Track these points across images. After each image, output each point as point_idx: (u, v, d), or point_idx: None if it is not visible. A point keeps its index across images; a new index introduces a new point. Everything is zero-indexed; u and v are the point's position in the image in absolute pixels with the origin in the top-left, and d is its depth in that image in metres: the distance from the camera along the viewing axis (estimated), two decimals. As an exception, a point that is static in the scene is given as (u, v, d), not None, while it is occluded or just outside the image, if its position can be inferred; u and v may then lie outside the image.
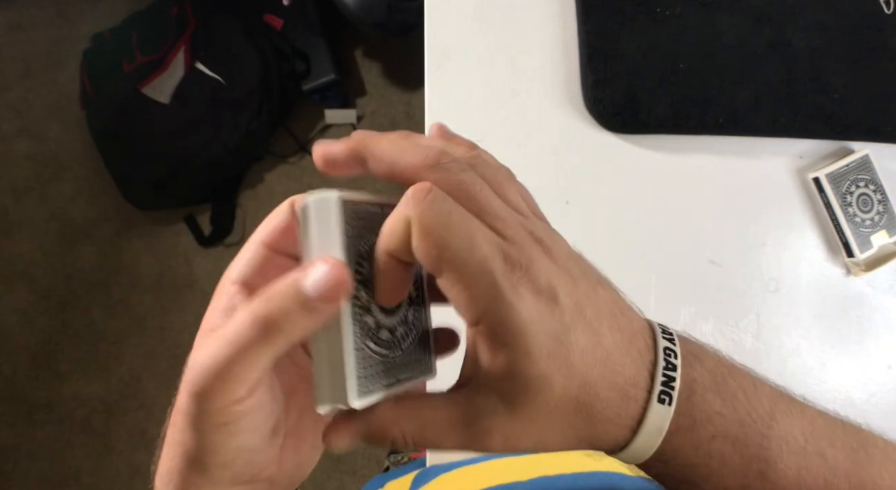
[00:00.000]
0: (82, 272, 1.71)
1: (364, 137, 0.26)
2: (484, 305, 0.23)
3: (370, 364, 0.26)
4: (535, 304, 0.23)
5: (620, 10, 0.70)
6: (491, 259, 0.23)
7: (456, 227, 0.23)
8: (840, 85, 0.71)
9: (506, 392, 0.24)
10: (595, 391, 0.24)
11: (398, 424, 0.25)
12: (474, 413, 0.24)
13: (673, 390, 0.25)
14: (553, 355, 0.23)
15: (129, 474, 1.64)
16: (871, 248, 0.70)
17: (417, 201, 0.23)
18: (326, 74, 1.62)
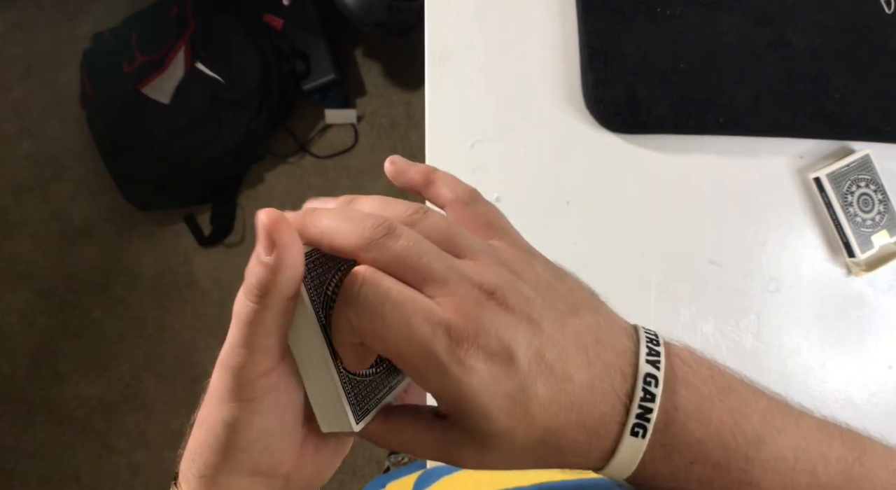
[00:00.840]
0: (82, 272, 1.71)
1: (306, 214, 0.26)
2: (434, 385, 0.24)
3: (361, 387, 0.27)
4: (487, 371, 0.23)
5: (621, 9, 0.70)
6: (432, 341, 0.23)
7: (391, 318, 0.23)
8: (840, 85, 0.71)
9: (473, 437, 0.25)
10: (561, 434, 0.25)
11: (385, 438, 0.28)
12: (449, 444, 0.26)
13: (648, 422, 0.24)
14: (511, 412, 0.24)
15: (129, 474, 1.64)
16: (871, 247, 0.70)
17: (350, 300, 0.24)
18: (326, 74, 1.62)
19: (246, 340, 0.25)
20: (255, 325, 0.25)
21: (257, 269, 0.24)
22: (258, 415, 0.26)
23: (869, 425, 0.30)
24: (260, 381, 0.26)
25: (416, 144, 1.73)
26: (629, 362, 0.26)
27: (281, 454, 0.28)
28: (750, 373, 0.28)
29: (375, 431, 0.28)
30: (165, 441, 1.65)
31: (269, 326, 0.25)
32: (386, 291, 0.24)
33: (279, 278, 0.24)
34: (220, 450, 0.27)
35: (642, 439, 0.24)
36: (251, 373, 0.26)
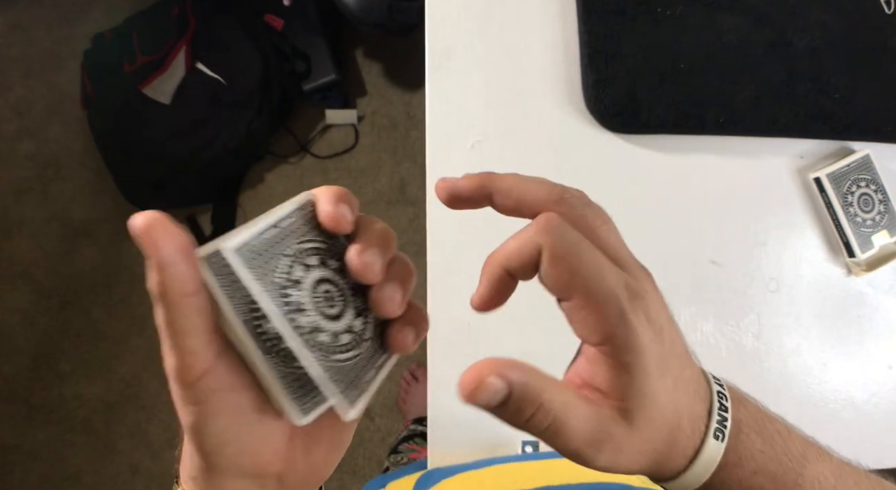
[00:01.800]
0: (83, 272, 1.71)
1: (489, 174, 0.28)
2: (611, 328, 0.25)
3: (344, 373, 0.27)
4: (649, 329, 0.26)
5: (621, 10, 0.70)
6: (617, 287, 0.25)
7: (586, 255, 0.25)
8: (841, 85, 0.71)
9: (626, 405, 0.26)
10: (680, 419, 0.27)
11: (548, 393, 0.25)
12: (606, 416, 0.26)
13: (726, 428, 0.27)
14: (661, 377, 0.26)
15: (130, 474, 1.64)
16: (872, 247, 0.70)
17: (550, 230, 0.25)
18: (327, 74, 1.62)
19: (168, 344, 0.25)
20: (169, 328, 0.25)
21: (149, 274, 0.25)
22: (212, 417, 0.26)
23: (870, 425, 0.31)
24: (201, 383, 0.26)
25: (416, 144, 1.73)
26: (704, 378, 0.29)
27: (262, 454, 0.28)
28: (750, 373, 0.29)
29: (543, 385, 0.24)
30: (166, 441, 1.65)
31: (182, 327, 0.25)
32: (580, 235, 0.26)
33: (165, 276, 0.24)
34: (198, 454, 0.27)
35: (721, 443, 0.27)
36: (187, 376, 0.25)
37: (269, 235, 0.27)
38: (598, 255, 0.26)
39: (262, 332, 0.26)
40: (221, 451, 0.27)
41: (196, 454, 0.27)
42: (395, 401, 1.63)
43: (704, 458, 0.27)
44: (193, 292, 0.25)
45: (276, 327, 0.25)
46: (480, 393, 0.24)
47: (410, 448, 1.05)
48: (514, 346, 0.68)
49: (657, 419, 0.26)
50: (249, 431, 0.27)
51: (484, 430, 0.66)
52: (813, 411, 0.71)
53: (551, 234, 0.25)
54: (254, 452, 0.28)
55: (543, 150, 0.71)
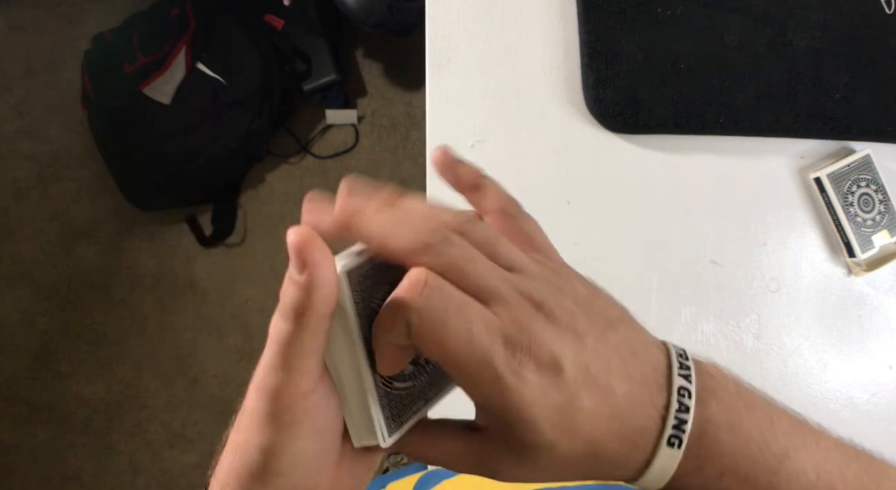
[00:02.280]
0: (83, 272, 1.71)
1: (354, 215, 0.25)
2: (487, 395, 0.24)
3: (395, 402, 0.27)
4: (538, 382, 0.24)
5: (621, 10, 0.70)
6: (490, 350, 0.23)
7: (452, 323, 0.23)
8: (841, 85, 0.71)
9: (514, 449, 0.25)
10: (601, 445, 0.25)
11: (421, 451, 0.28)
12: (486, 457, 0.26)
13: (684, 433, 0.25)
14: (557, 425, 0.24)
15: (131, 474, 1.64)
16: (872, 247, 0.70)
17: (412, 301, 0.23)
18: (327, 75, 1.62)
19: (283, 363, 0.25)
20: (293, 347, 0.24)
21: (290, 290, 0.24)
22: (298, 439, 0.26)
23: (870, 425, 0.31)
24: (299, 404, 0.25)
25: (416, 145, 1.73)
26: (663, 374, 0.26)
27: (319, 476, 0.28)
28: (751, 373, 0.28)
29: (412, 445, 0.28)
30: (166, 441, 1.65)
31: (306, 347, 0.24)
32: (449, 296, 0.23)
33: (314, 297, 0.24)
34: (257, 475, 0.27)
35: (678, 450, 0.25)
36: (290, 396, 0.25)
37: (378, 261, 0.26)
38: (467, 317, 0.23)
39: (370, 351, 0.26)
40: (291, 472, 0.26)
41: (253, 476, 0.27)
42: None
43: (656, 468, 0.25)
44: (331, 314, 0.25)
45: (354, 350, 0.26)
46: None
47: None
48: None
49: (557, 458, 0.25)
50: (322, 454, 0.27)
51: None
52: (813, 411, 0.71)
53: (412, 305, 0.23)
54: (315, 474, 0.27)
55: (544, 151, 0.71)
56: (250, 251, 1.71)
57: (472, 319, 0.23)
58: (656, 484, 0.26)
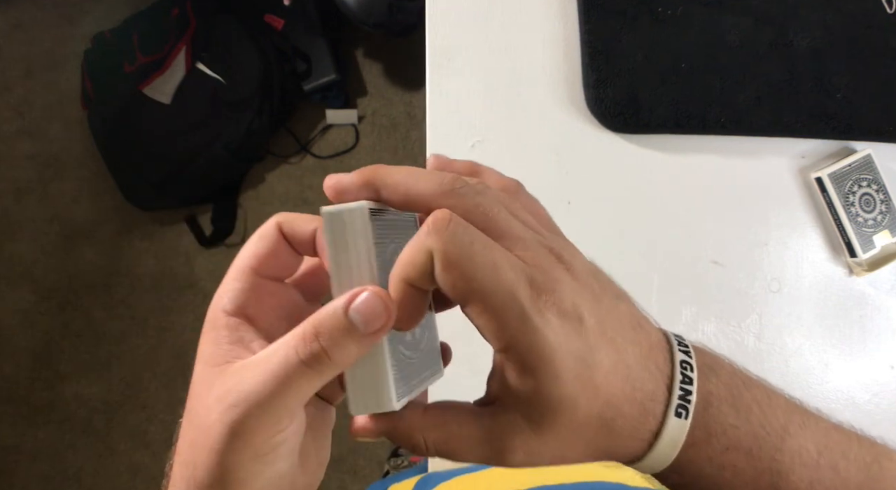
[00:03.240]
0: (83, 273, 1.71)
1: (377, 168, 0.26)
2: (512, 333, 0.23)
3: (403, 367, 0.26)
4: (561, 327, 0.23)
5: (622, 9, 0.70)
6: (517, 286, 0.23)
7: (479, 257, 0.23)
8: (842, 85, 0.71)
9: (532, 412, 0.24)
10: (617, 408, 0.24)
11: (423, 432, 0.26)
12: (499, 431, 0.25)
13: (689, 404, 0.25)
14: (579, 377, 0.24)
15: (131, 474, 1.64)
16: (873, 247, 0.70)
17: (439, 232, 0.23)
18: (327, 74, 1.62)
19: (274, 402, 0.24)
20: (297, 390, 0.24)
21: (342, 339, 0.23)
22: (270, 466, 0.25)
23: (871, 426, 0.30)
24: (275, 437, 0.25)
25: (416, 145, 1.73)
26: (665, 348, 0.26)
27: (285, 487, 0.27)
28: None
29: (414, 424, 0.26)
30: (166, 441, 1.65)
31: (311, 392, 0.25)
32: (474, 231, 0.23)
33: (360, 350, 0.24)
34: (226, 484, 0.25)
35: (685, 420, 0.25)
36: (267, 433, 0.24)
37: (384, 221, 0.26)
38: (493, 253, 0.23)
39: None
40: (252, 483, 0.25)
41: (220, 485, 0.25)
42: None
43: (666, 438, 0.25)
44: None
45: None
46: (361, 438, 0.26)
47: None
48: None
49: (576, 420, 0.24)
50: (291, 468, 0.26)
51: (485, 430, 0.66)
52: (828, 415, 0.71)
53: (440, 237, 0.23)
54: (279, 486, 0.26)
55: (544, 151, 0.70)
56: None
57: (499, 256, 0.23)
58: (666, 458, 0.25)
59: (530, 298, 0.23)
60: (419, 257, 0.23)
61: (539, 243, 0.25)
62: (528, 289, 0.23)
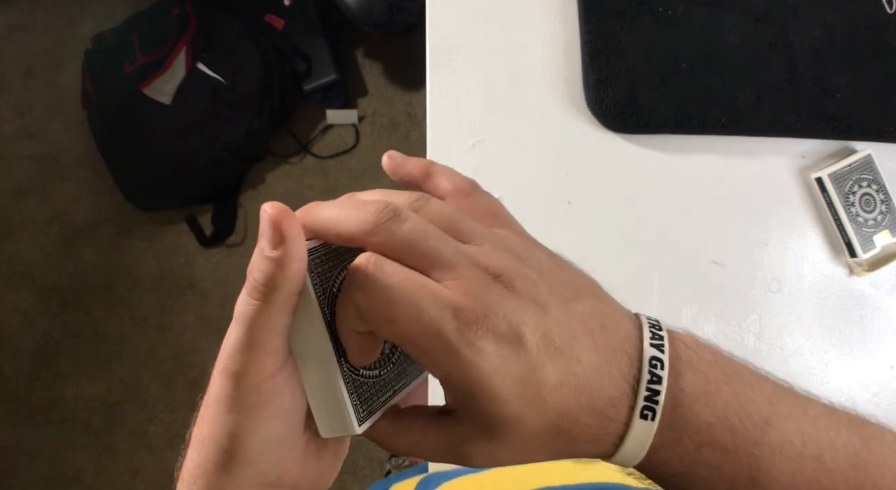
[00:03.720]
0: (83, 273, 1.71)
1: (307, 209, 0.26)
2: (445, 369, 0.24)
3: (364, 389, 0.27)
4: (497, 352, 0.23)
5: (622, 9, 0.70)
6: (441, 324, 0.23)
7: (400, 301, 0.23)
8: (842, 85, 0.71)
9: (484, 427, 0.24)
10: (572, 419, 0.24)
11: (392, 439, 0.27)
12: (458, 441, 0.25)
13: (657, 405, 0.24)
14: (522, 396, 0.23)
15: (131, 474, 1.64)
16: (873, 248, 0.70)
17: (357, 285, 0.24)
18: (327, 75, 1.62)
19: (250, 342, 0.25)
20: (260, 325, 0.24)
21: (262, 265, 0.24)
22: (266, 421, 0.26)
23: None
24: (266, 384, 0.25)
25: (417, 145, 1.73)
26: (634, 346, 0.25)
27: (287, 463, 0.28)
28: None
29: (383, 432, 0.27)
30: (166, 441, 1.65)
31: (274, 324, 0.24)
32: (392, 274, 0.24)
33: (286, 272, 0.24)
34: (225, 465, 0.26)
35: (651, 422, 0.24)
36: (257, 376, 0.25)
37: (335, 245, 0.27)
38: (415, 293, 0.23)
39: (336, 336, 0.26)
40: (259, 459, 0.26)
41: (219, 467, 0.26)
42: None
43: (631, 440, 0.25)
44: (299, 291, 0.25)
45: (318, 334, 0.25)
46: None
47: None
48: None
49: (527, 433, 0.24)
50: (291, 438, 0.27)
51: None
52: (819, 397, 0.71)
53: (357, 290, 0.24)
54: (282, 460, 0.27)
55: (544, 151, 0.70)
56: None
57: (420, 295, 0.23)
58: (634, 458, 0.25)
59: (457, 332, 0.23)
60: (350, 311, 0.25)
61: (473, 264, 0.24)
62: (453, 322, 0.23)
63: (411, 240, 0.24)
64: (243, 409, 0.25)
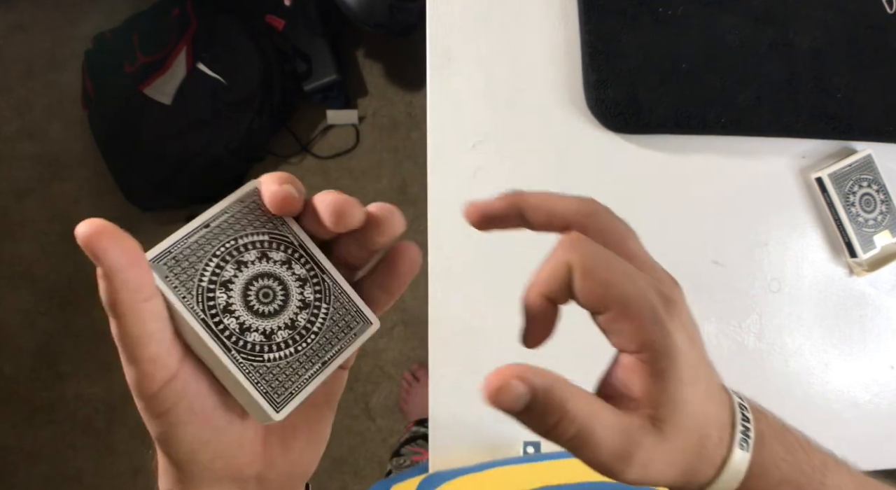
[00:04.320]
0: (84, 273, 1.71)
1: (519, 192, 0.28)
2: (648, 335, 0.25)
3: (275, 373, 0.26)
4: (684, 335, 0.26)
5: (622, 10, 0.70)
6: (651, 293, 0.25)
7: (615, 267, 0.25)
8: (842, 85, 0.71)
9: (657, 412, 0.25)
10: (708, 427, 0.26)
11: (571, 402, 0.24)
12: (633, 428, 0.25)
13: (749, 438, 0.27)
14: (693, 384, 0.25)
15: (131, 474, 1.64)
16: (874, 248, 0.70)
17: (577, 246, 0.25)
18: (328, 75, 1.62)
19: (127, 357, 0.24)
20: (125, 340, 0.24)
21: (100, 284, 0.24)
22: (180, 425, 0.26)
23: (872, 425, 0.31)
24: (164, 391, 0.25)
25: (417, 145, 1.73)
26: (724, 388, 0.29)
27: (237, 456, 0.28)
28: (752, 373, 0.29)
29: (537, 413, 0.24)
30: (167, 441, 1.65)
31: (137, 335, 0.24)
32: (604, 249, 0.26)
33: (116, 284, 0.23)
34: (172, 465, 0.27)
35: (746, 452, 0.26)
36: (150, 386, 0.25)
37: (196, 238, 0.27)
38: (627, 265, 0.26)
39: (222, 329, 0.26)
40: (195, 459, 0.27)
41: (170, 465, 0.27)
42: (396, 401, 1.63)
43: (731, 468, 0.26)
44: (148, 297, 0.24)
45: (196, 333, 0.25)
46: (503, 395, 0.23)
47: (413, 450, 1.05)
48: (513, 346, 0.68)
49: (687, 427, 0.25)
50: (221, 435, 0.27)
51: (485, 430, 0.66)
52: (815, 411, 0.71)
53: (579, 250, 0.25)
54: (229, 456, 0.27)
55: (545, 151, 0.70)
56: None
57: (632, 268, 0.26)
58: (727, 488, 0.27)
59: (662, 305, 0.25)
60: (559, 271, 0.26)
61: (660, 267, 0.28)
62: (659, 297, 0.25)
63: (619, 229, 0.27)
64: (155, 418, 0.26)
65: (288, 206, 0.28)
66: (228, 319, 0.26)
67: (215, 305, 0.26)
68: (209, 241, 0.27)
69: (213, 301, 0.26)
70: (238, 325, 0.26)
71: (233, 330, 0.26)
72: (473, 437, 0.66)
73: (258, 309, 0.27)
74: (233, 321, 0.26)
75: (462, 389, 0.66)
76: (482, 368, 0.28)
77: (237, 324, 0.26)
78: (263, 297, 0.27)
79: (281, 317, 0.27)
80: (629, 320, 0.25)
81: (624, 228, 0.28)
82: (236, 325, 0.26)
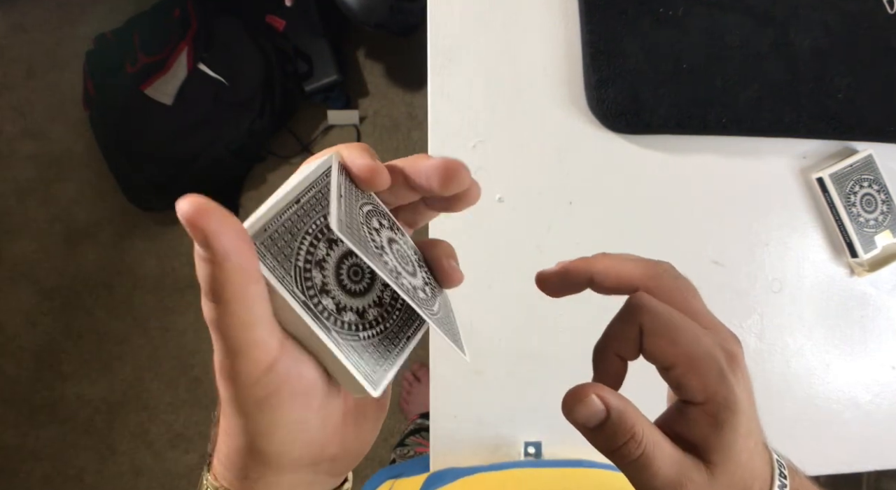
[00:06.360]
0: (85, 273, 1.71)
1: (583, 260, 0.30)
2: (713, 389, 0.26)
3: (371, 350, 0.26)
4: (745, 391, 0.27)
5: (623, 10, 0.70)
6: (715, 350, 0.27)
7: (682, 324, 0.27)
8: (843, 85, 0.71)
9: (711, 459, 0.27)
10: (754, 479, 0.28)
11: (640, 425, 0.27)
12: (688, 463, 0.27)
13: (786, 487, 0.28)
14: (747, 436, 0.27)
15: (132, 474, 1.64)
16: (874, 248, 0.70)
17: (646, 309, 0.27)
18: (329, 75, 1.62)
19: (229, 344, 0.23)
20: (229, 324, 0.23)
21: (200, 267, 0.23)
22: (281, 410, 0.25)
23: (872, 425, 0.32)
24: (267, 377, 0.24)
25: (418, 145, 1.73)
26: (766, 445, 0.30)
27: (321, 442, 0.27)
28: (754, 373, 0.29)
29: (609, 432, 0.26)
30: (168, 441, 1.65)
31: (244, 320, 0.23)
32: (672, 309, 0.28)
33: (226, 268, 0.22)
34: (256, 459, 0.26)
35: None
36: (253, 372, 0.24)
37: (289, 215, 0.26)
38: (693, 324, 0.27)
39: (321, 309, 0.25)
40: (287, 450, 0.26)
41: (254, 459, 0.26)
42: (398, 401, 1.63)
43: None
44: (257, 280, 0.23)
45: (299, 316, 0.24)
46: (584, 409, 0.26)
47: (417, 441, 1.06)
48: (514, 347, 0.68)
49: (735, 475, 0.27)
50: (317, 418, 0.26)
51: (486, 431, 0.66)
52: (816, 412, 0.71)
53: (648, 313, 0.27)
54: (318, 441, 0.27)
55: (546, 151, 0.70)
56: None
57: (696, 327, 0.27)
58: None
59: (726, 360, 0.27)
60: (630, 331, 0.27)
61: (720, 323, 0.29)
62: (722, 353, 0.27)
63: (682, 289, 0.29)
64: (253, 406, 0.24)
65: (381, 180, 0.27)
66: (326, 300, 0.25)
67: (313, 285, 0.25)
68: (301, 218, 0.26)
69: (311, 281, 0.25)
70: (335, 305, 0.26)
71: (330, 310, 0.25)
72: (474, 438, 0.66)
73: (350, 287, 0.27)
74: (329, 301, 0.25)
75: (463, 390, 0.66)
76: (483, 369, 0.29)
77: (333, 304, 0.26)
78: (354, 275, 0.27)
79: (370, 295, 0.27)
80: (697, 376, 0.26)
81: (687, 287, 0.30)
82: (333, 305, 0.26)
